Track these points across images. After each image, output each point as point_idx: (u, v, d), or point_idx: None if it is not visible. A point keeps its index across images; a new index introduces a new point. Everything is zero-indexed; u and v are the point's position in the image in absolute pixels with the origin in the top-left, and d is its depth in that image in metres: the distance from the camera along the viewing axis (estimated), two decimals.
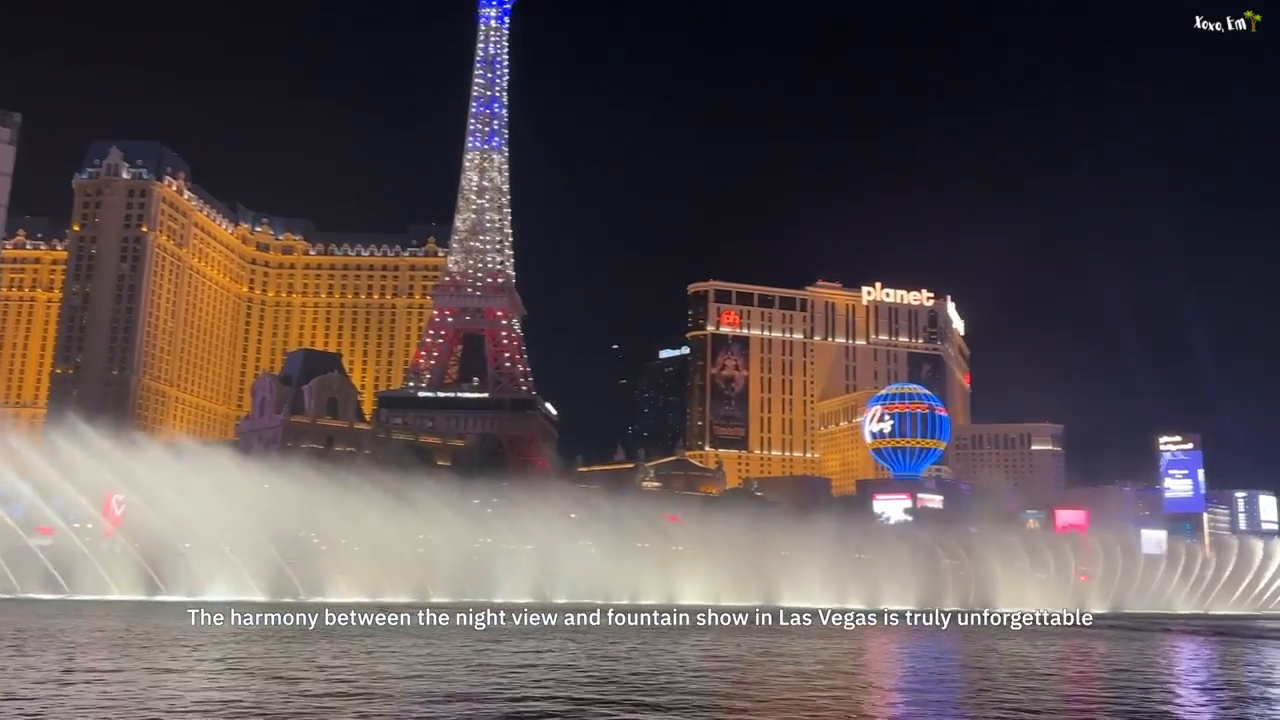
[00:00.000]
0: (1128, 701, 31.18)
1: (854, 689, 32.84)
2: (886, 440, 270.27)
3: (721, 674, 35.87)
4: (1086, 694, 34.51)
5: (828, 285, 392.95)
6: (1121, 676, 40.00)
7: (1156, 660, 50.24)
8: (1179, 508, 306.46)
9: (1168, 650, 57.00)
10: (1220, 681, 41.06)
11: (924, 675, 39.42)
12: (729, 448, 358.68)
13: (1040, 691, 33.32)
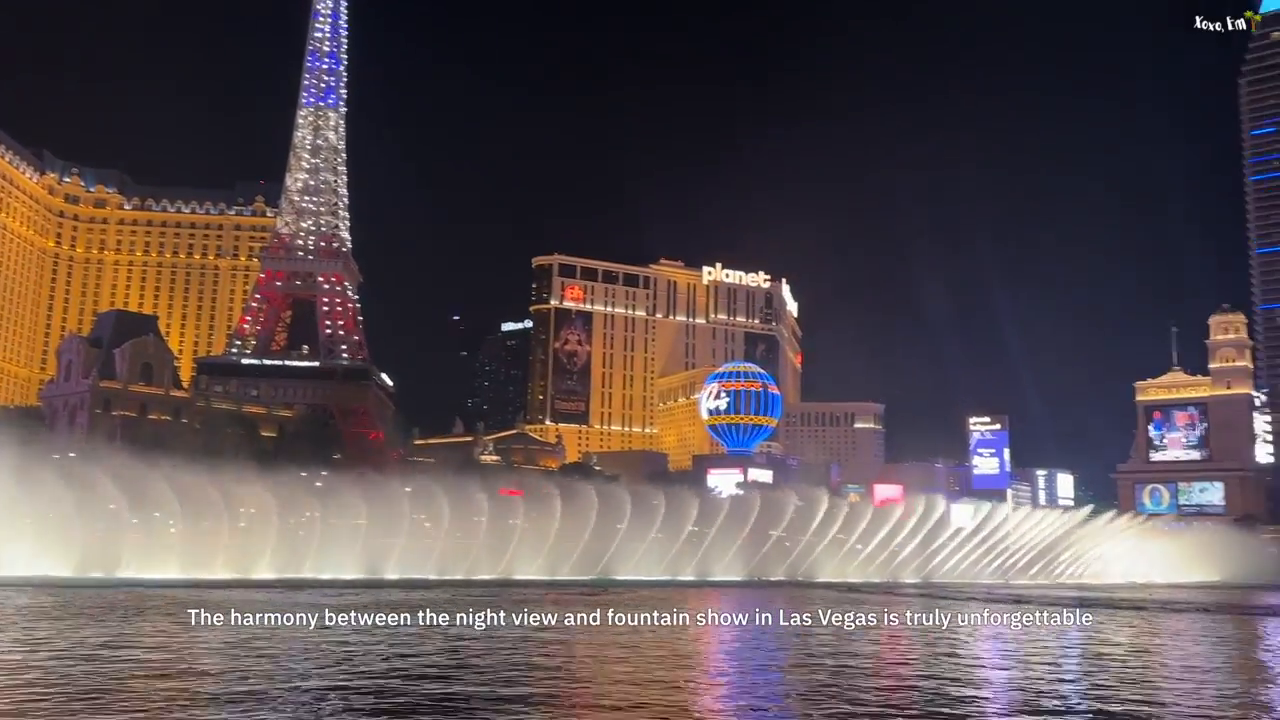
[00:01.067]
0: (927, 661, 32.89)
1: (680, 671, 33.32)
2: (722, 417, 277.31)
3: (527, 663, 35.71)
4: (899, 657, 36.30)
5: (670, 264, 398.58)
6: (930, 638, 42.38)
7: (957, 624, 53.62)
8: (986, 484, 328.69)
9: (969, 615, 60.95)
10: (1010, 642, 44.20)
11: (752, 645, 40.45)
12: (569, 422, 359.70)
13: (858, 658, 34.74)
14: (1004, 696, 28.31)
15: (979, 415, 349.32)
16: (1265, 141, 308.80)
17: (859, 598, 75.59)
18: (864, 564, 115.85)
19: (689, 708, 25.15)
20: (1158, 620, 63.61)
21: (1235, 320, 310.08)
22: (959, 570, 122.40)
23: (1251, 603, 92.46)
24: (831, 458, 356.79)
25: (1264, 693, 31.56)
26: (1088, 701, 27.05)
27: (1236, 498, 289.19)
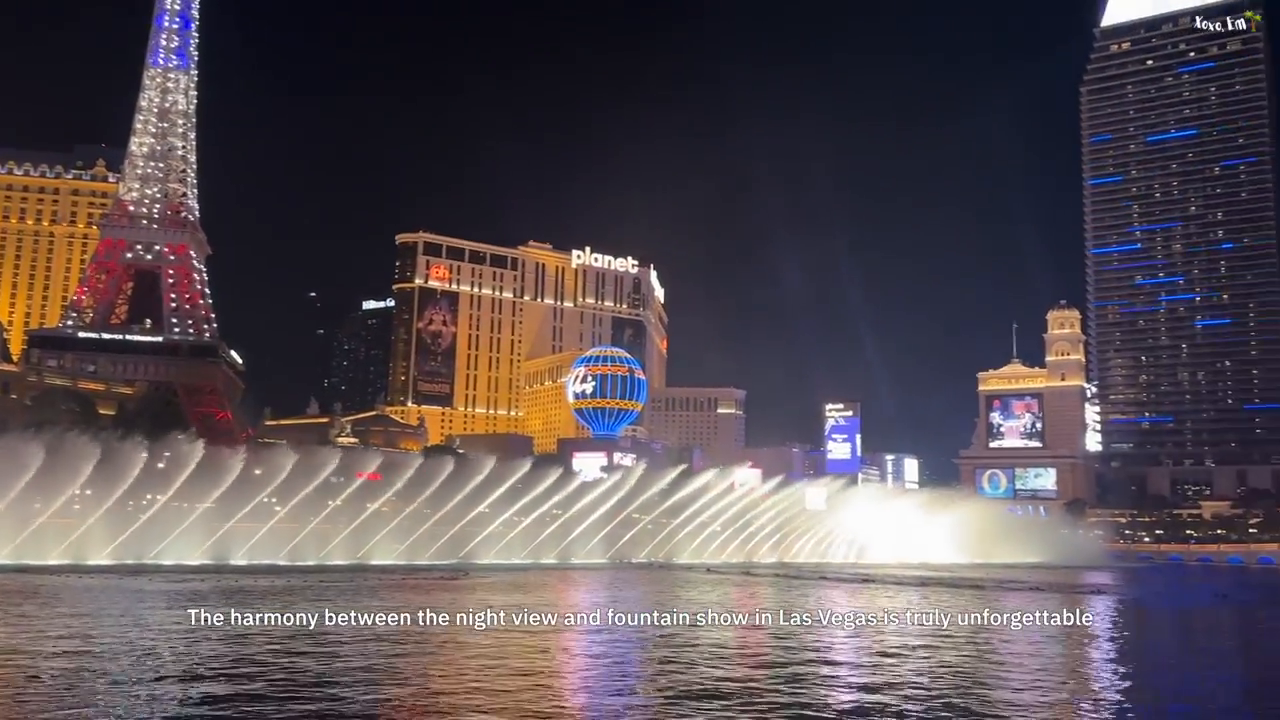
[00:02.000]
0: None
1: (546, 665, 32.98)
2: (588, 401, 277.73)
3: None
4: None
5: (539, 246, 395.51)
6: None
7: (803, 601, 55.23)
8: (838, 468, 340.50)
9: (816, 594, 62.89)
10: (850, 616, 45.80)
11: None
12: (432, 404, 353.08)
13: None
14: (855, 676, 29.19)
15: (834, 402, 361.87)
16: (1102, 149, 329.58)
17: (720, 578, 76.95)
18: (721, 546, 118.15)
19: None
20: (997, 597, 67.24)
21: (1070, 316, 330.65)
22: (811, 552, 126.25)
23: (1073, 582, 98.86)
24: (694, 442, 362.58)
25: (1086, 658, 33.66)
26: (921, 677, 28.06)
27: (1067, 483, 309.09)
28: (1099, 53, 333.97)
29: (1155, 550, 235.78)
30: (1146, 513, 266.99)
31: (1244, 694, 29.16)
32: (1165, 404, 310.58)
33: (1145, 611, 64.13)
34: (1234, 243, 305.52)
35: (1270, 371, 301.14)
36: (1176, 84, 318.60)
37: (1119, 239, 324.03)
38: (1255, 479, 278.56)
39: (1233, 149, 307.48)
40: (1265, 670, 35.63)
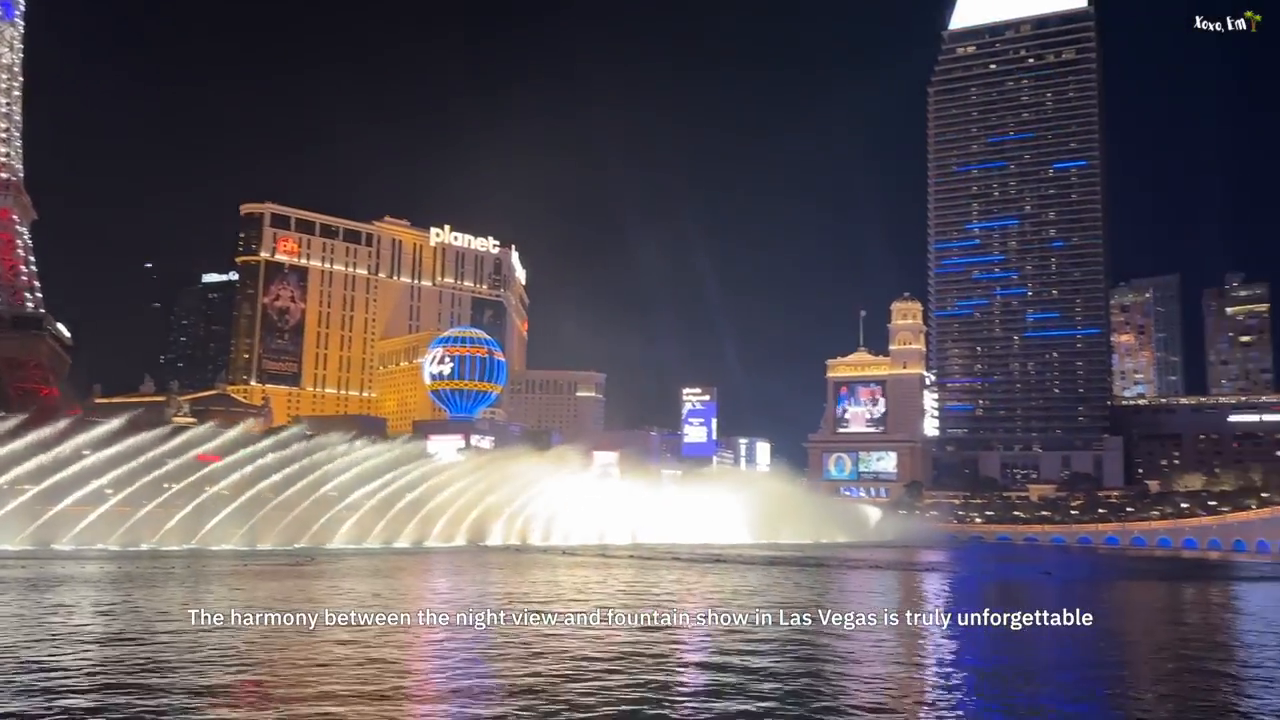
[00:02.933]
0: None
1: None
2: (446, 382, 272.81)
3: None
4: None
5: (395, 223, 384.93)
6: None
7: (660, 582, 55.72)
8: (695, 451, 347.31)
9: (664, 573, 63.61)
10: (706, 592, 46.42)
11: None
12: (278, 383, 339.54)
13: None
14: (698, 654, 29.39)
15: (691, 387, 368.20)
16: (946, 148, 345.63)
17: (579, 560, 76.78)
18: (581, 527, 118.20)
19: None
20: (839, 574, 69.72)
21: (913, 308, 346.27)
22: (663, 531, 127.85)
23: (911, 560, 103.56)
24: (554, 425, 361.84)
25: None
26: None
27: (906, 465, 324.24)
28: (946, 55, 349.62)
29: (985, 530, 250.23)
30: (979, 495, 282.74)
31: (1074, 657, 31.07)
32: (997, 392, 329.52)
33: (976, 587, 67.71)
34: (1064, 241, 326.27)
35: (1093, 363, 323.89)
36: (1016, 88, 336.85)
37: (959, 235, 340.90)
38: (1078, 463, 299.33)
39: (1065, 152, 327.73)
40: (1089, 635, 38.26)
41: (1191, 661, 31.31)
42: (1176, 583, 76.17)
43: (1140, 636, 40.04)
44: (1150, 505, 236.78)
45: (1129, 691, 25.89)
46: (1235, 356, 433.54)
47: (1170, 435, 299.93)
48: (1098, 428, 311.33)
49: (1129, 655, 33.61)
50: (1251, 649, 34.88)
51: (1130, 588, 70.40)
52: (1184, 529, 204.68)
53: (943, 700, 23.82)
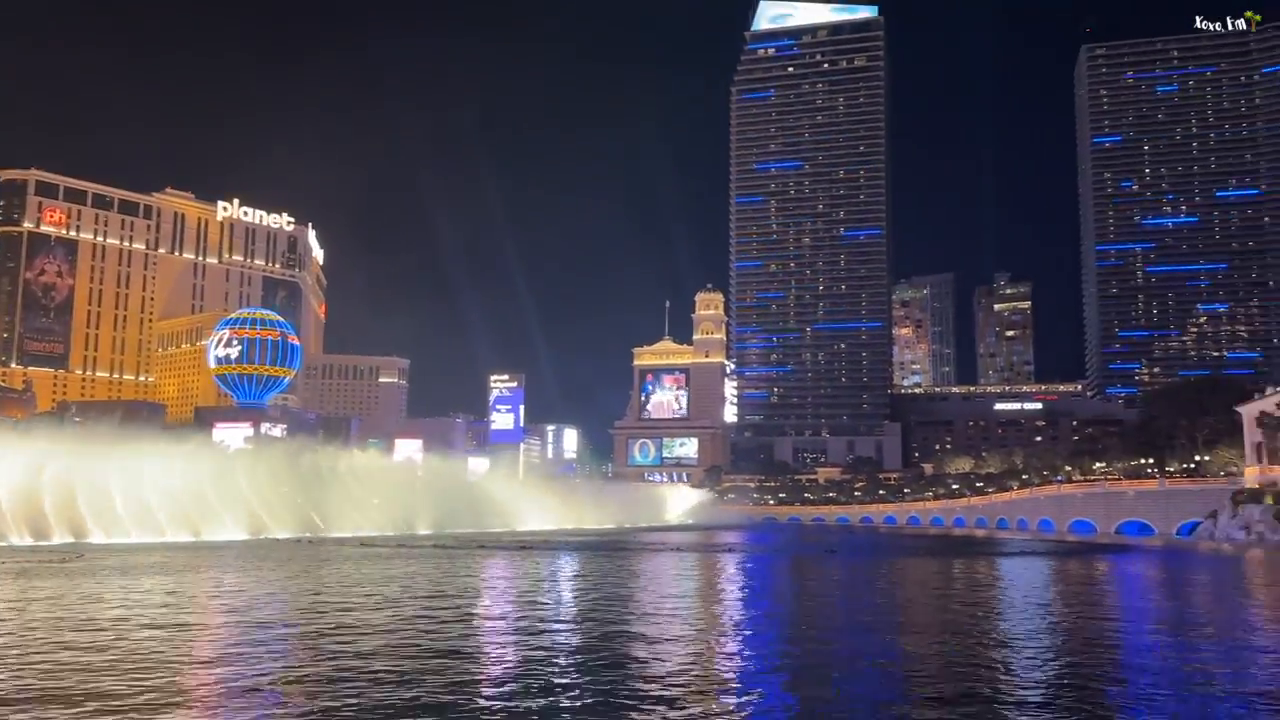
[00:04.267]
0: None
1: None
2: (233, 366, 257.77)
3: None
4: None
5: (179, 195, 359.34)
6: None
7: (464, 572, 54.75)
8: (502, 438, 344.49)
9: (478, 563, 62.70)
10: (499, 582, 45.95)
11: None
12: (43, 366, 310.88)
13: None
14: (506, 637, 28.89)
15: (499, 373, 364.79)
16: (747, 146, 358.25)
17: (373, 552, 74.26)
18: (379, 517, 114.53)
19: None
20: (649, 557, 70.90)
21: (715, 299, 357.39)
22: (469, 519, 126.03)
23: (711, 541, 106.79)
24: (354, 412, 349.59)
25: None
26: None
27: (707, 451, 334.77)
28: (748, 57, 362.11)
29: (778, 511, 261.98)
30: (773, 478, 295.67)
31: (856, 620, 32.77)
32: (791, 381, 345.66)
33: (769, 563, 70.60)
34: (851, 238, 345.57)
35: (876, 354, 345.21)
36: (812, 91, 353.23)
37: (758, 230, 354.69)
38: (862, 448, 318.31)
39: (854, 155, 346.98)
40: (862, 599, 40.67)
41: (958, 627, 33.59)
42: (946, 558, 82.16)
43: (913, 605, 42.75)
44: (925, 486, 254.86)
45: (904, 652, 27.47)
46: (1001, 349, 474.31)
47: (943, 422, 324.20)
48: (880, 415, 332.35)
49: (903, 620, 35.76)
50: (1009, 617, 37.87)
51: (905, 564, 75.31)
52: (955, 509, 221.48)
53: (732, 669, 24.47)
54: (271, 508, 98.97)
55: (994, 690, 22.27)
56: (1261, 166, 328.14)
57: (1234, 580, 61.50)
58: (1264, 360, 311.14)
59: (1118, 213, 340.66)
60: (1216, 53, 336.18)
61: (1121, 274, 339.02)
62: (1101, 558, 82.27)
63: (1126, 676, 24.76)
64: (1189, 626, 35.73)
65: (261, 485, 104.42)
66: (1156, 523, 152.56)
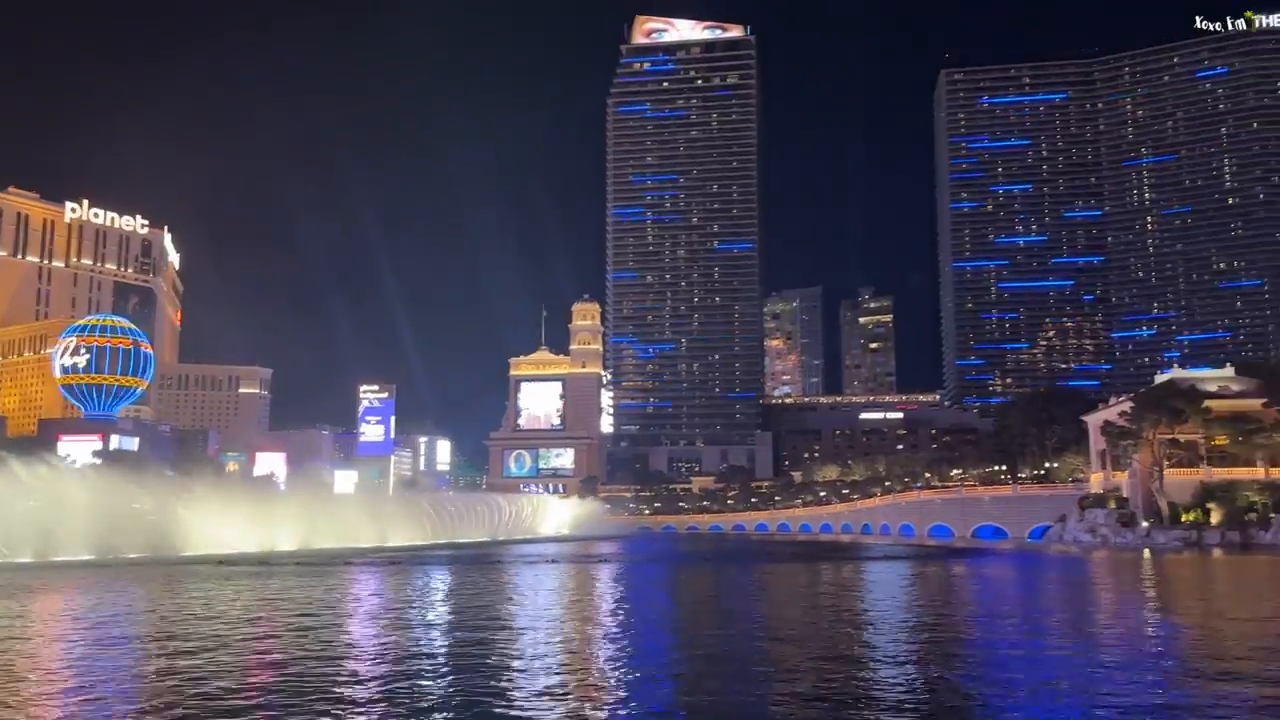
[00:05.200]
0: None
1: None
2: (81, 376, 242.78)
3: None
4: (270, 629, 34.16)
5: (21, 194, 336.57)
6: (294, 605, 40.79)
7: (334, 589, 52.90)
8: (371, 450, 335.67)
9: (342, 581, 60.70)
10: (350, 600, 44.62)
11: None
12: None
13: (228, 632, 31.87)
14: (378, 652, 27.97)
15: (369, 384, 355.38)
16: (623, 157, 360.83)
17: (232, 571, 70.98)
18: (240, 534, 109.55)
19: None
20: (520, 570, 70.04)
21: (592, 309, 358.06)
22: (336, 534, 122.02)
23: (585, 553, 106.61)
24: (212, 424, 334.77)
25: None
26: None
27: (583, 462, 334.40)
28: (624, 70, 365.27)
29: (653, 521, 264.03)
30: (648, 488, 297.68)
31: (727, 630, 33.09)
32: (666, 391, 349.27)
33: (642, 574, 70.86)
34: (725, 251, 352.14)
35: (748, 365, 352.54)
36: (687, 106, 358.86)
37: (634, 241, 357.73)
38: (734, 457, 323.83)
39: (728, 170, 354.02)
40: (734, 604, 41.27)
41: (828, 627, 34.36)
42: (814, 563, 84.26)
43: (783, 609, 43.56)
44: (795, 494, 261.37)
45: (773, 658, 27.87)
46: (865, 361, 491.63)
47: (812, 431, 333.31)
48: (752, 424, 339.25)
49: (774, 623, 36.37)
50: (876, 620, 38.92)
51: (776, 569, 76.86)
52: (823, 515, 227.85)
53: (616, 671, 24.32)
54: (121, 526, 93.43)
55: (856, 689, 22.81)
56: (1105, 188, 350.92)
57: (1080, 581, 65.15)
58: (1108, 372, 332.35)
59: (973, 230, 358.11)
60: (1065, 81, 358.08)
61: (976, 289, 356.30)
62: (959, 561, 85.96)
63: (982, 674, 25.76)
64: (1043, 627, 37.54)
65: (112, 502, 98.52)
66: (1010, 527, 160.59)
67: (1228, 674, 24.93)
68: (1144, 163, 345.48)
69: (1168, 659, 28.42)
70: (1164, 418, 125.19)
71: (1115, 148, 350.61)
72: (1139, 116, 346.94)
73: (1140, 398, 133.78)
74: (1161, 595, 53.44)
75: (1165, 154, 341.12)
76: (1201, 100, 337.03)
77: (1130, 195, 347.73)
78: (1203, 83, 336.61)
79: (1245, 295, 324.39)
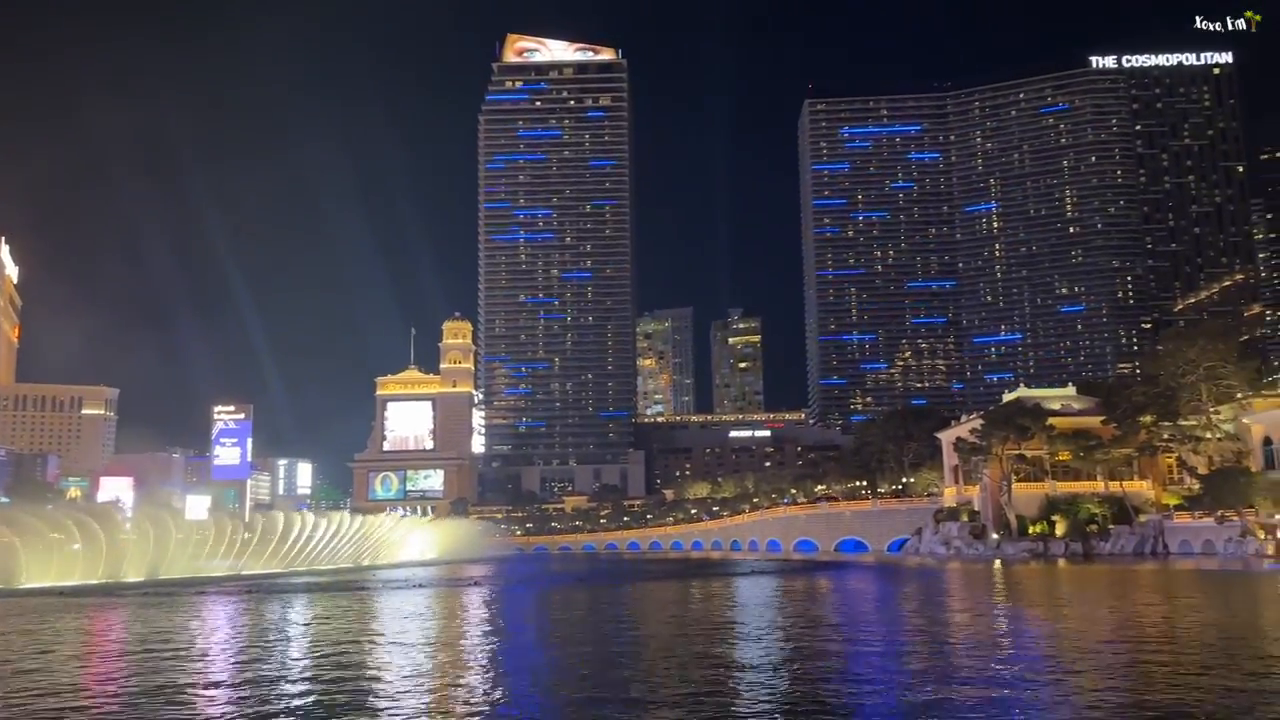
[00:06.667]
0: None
1: None
2: None
3: None
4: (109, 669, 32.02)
5: None
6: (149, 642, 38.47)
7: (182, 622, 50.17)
8: (226, 474, 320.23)
9: (194, 611, 57.66)
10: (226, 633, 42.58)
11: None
12: None
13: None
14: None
15: (224, 404, 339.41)
16: (496, 176, 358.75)
17: (67, 603, 66.42)
18: (82, 565, 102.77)
19: None
20: (375, 597, 68.05)
21: (463, 327, 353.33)
22: (185, 563, 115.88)
23: (455, 576, 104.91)
24: (53, 447, 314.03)
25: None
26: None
27: (454, 483, 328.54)
28: (496, 88, 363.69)
29: (525, 542, 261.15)
30: (520, 508, 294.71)
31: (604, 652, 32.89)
32: (539, 410, 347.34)
33: (515, 597, 69.99)
34: (597, 272, 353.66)
35: (621, 384, 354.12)
36: (559, 127, 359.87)
37: (507, 259, 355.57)
38: (607, 476, 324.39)
39: (600, 190, 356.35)
40: (608, 625, 41.14)
41: (691, 645, 34.60)
42: (684, 580, 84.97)
43: (654, 626, 43.70)
44: (667, 512, 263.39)
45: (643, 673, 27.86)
46: (735, 380, 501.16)
47: (683, 449, 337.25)
48: (624, 443, 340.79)
49: (650, 642, 36.40)
50: (747, 632, 39.43)
51: (647, 587, 77.13)
52: (694, 533, 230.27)
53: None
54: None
55: (726, 700, 23.00)
56: (956, 216, 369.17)
57: (931, 592, 67.76)
58: (959, 391, 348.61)
59: (835, 254, 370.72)
60: (920, 113, 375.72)
61: (839, 311, 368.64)
62: (822, 574, 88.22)
63: (844, 685, 26.42)
64: (897, 638, 38.81)
65: None
66: (870, 540, 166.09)
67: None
68: (992, 193, 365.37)
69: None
70: (1011, 434, 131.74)
71: (965, 178, 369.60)
72: (988, 149, 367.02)
73: (989, 415, 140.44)
74: (1010, 604, 56.07)
75: (1011, 184, 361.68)
76: (1045, 134, 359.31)
77: (980, 224, 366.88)
78: (1046, 117, 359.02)
79: (1085, 318, 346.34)
